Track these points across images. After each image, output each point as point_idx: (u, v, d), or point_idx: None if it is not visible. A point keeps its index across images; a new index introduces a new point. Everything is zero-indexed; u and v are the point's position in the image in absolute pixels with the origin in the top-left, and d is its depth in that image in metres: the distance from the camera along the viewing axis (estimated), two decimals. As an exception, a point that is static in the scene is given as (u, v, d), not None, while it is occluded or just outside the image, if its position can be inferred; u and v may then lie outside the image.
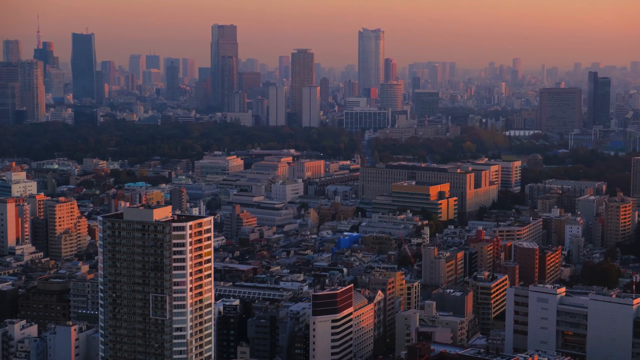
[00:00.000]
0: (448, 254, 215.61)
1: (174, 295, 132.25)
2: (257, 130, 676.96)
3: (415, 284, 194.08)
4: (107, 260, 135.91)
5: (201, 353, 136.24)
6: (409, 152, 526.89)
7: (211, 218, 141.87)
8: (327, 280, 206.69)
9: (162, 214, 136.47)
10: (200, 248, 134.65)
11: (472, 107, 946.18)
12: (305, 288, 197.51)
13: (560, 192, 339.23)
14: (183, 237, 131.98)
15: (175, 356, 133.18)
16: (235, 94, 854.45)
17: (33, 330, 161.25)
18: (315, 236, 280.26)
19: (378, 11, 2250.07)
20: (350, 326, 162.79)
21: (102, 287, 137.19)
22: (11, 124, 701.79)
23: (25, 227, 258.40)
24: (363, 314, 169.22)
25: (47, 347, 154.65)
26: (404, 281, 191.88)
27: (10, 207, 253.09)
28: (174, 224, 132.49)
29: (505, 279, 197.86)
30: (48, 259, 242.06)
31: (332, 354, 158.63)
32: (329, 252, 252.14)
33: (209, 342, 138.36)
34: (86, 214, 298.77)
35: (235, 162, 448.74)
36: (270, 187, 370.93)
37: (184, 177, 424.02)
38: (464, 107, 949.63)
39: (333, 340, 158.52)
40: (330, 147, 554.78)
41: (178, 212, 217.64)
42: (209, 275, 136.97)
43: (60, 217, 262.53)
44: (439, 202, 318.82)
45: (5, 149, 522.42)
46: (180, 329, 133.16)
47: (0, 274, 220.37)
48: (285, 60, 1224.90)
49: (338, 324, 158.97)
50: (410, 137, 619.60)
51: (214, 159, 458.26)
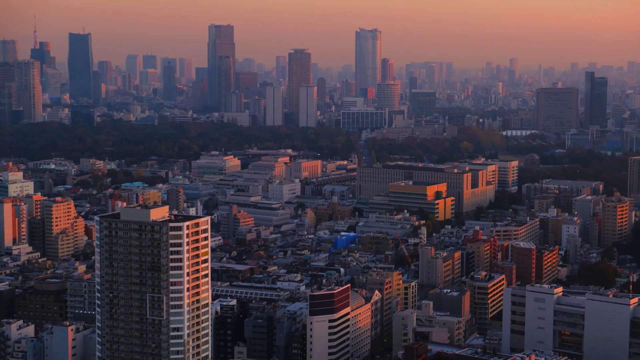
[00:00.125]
0: (445, 254, 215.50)
1: (171, 295, 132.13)
2: (254, 130, 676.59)
3: (413, 284, 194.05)
4: (104, 261, 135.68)
5: (198, 353, 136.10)
6: (406, 152, 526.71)
7: (208, 218, 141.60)
8: (324, 280, 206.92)
9: (159, 214, 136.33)
10: (197, 248, 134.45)
11: (469, 107, 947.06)
12: (303, 288, 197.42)
13: (557, 192, 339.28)
14: (180, 237, 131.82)
15: (172, 356, 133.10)
16: (232, 94, 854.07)
17: (30, 330, 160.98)
18: (312, 236, 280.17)
19: (375, 11, 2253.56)
20: (348, 326, 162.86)
21: (99, 287, 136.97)
22: (8, 124, 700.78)
23: (22, 227, 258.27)
24: (360, 314, 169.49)
25: (44, 347, 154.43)
26: (401, 281, 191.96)
27: (7, 207, 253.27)
28: (171, 224, 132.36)
29: (503, 279, 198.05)
30: (45, 259, 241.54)
31: (330, 354, 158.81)
32: (326, 252, 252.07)
33: (206, 342, 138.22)
34: (83, 214, 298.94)
35: (232, 162, 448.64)
36: (267, 187, 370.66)
37: (181, 177, 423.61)
38: (461, 107, 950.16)
39: (330, 340, 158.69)
40: (327, 147, 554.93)
41: (175, 212, 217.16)
42: (206, 275, 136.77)
43: (57, 217, 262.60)
44: (436, 202, 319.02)
45: (2, 149, 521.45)
46: (178, 329, 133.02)
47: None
48: (282, 60, 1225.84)
49: (335, 324, 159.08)
50: (407, 137, 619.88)
51: (211, 159, 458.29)
